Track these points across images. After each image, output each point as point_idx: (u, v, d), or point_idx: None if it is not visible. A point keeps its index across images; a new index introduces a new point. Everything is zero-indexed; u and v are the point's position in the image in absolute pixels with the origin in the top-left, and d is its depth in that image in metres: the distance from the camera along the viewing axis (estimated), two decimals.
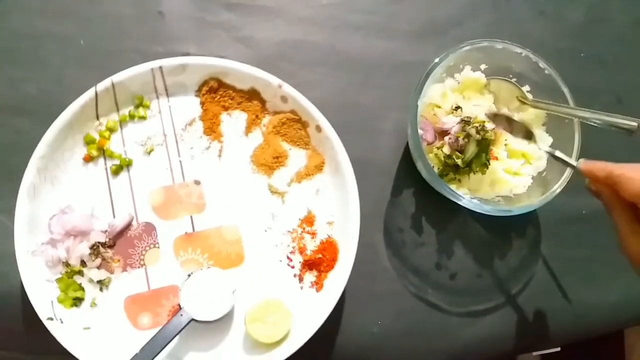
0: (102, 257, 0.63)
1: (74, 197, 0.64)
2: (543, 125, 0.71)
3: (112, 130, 0.66)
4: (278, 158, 0.69)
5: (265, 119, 0.70)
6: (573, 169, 0.60)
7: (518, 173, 0.69)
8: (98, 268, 0.63)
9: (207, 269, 0.63)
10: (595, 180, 0.54)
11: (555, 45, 0.82)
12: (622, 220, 0.52)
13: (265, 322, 0.61)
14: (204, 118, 0.69)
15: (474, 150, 0.65)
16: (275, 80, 0.67)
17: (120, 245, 0.64)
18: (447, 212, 0.73)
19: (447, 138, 0.68)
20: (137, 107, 0.67)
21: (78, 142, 0.65)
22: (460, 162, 0.66)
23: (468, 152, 0.66)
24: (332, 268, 0.65)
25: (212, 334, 0.63)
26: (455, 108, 0.69)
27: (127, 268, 0.64)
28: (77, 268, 0.62)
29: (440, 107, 0.70)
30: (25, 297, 0.59)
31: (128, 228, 0.65)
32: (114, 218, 0.64)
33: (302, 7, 0.78)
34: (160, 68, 0.66)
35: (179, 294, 0.61)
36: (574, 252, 0.75)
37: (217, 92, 0.69)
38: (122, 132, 0.67)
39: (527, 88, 0.71)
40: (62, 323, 0.59)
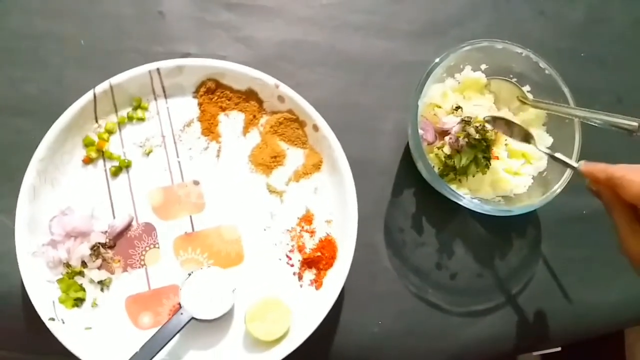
0: (102, 257, 0.63)
1: (74, 198, 0.64)
2: (543, 125, 0.71)
3: (110, 132, 0.67)
4: (276, 157, 0.69)
5: (263, 119, 0.70)
6: (573, 170, 0.59)
7: (518, 173, 0.69)
8: (99, 268, 0.63)
9: (207, 268, 0.63)
10: (596, 182, 0.54)
11: (556, 45, 0.81)
12: (622, 221, 0.52)
13: (265, 320, 0.61)
14: (202, 119, 0.69)
15: (468, 158, 0.66)
16: (272, 81, 0.67)
17: (121, 246, 0.64)
18: (447, 212, 0.73)
19: (447, 138, 0.68)
20: (135, 109, 0.68)
21: (77, 144, 0.66)
22: (458, 166, 0.66)
23: (462, 160, 0.66)
24: (331, 266, 0.66)
25: (212, 333, 0.63)
26: (456, 108, 0.69)
27: (127, 268, 0.64)
28: (77, 269, 0.62)
29: (441, 107, 0.70)
30: (26, 297, 0.59)
31: (128, 229, 0.65)
32: (114, 219, 0.65)
33: (302, 7, 0.78)
34: (158, 70, 0.66)
35: (179, 293, 0.61)
36: (575, 252, 0.75)
37: (214, 93, 0.69)
38: (120, 133, 0.67)
39: (527, 88, 0.71)
40: (63, 323, 0.59)
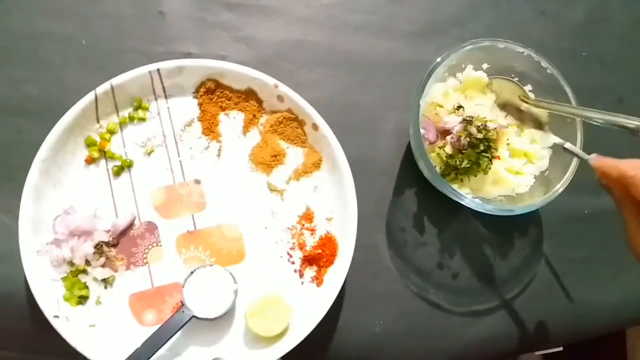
0: (105, 256, 0.64)
1: (77, 198, 0.65)
2: (545, 125, 0.70)
3: (112, 132, 0.67)
4: (276, 156, 0.69)
5: (263, 119, 0.70)
6: (582, 162, 0.59)
7: (520, 172, 0.69)
8: (102, 267, 0.64)
9: (209, 267, 0.63)
10: (607, 178, 0.53)
11: (556, 45, 0.81)
12: (632, 219, 0.52)
13: (266, 316, 0.62)
14: (202, 119, 0.69)
15: (470, 158, 0.65)
16: (271, 80, 0.67)
17: (124, 244, 0.65)
18: (449, 211, 0.73)
19: (449, 137, 0.67)
20: (136, 109, 0.68)
21: (79, 144, 0.66)
22: (459, 166, 0.66)
23: (463, 160, 0.65)
24: (331, 263, 0.66)
25: (213, 329, 0.64)
26: (457, 107, 0.68)
27: (130, 266, 0.65)
28: (81, 267, 0.63)
29: (442, 106, 0.70)
30: (27, 296, 0.60)
31: (131, 227, 0.66)
32: (117, 218, 0.65)
33: (302, 7, 0.78)
34: (158, 70, 0.67)
35: (182, 291, 0.62)
36: (576, 251, 0.75)
37: (214, 93, 0.69)
38: (122, 134, 0.68)
39: (529, 87, 0.70)
40: (68, 321, 0.60)
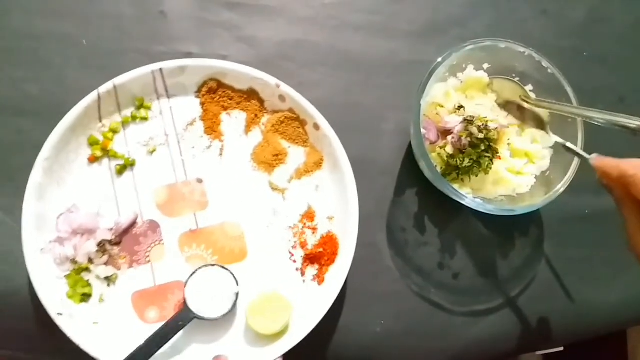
0: (108, 254, 0.64)
1: (80, 196, 0.65)
2: (547, 124, 0.69)
3: (115, 132, 0.67)
4: (278, 156, 0.69)
5: (264, 118, 0.70)
6: (583, 162, 0.59)
7: (521, 172, 0.69)
8: (105, 265, 0.64)
9: (211, 267, 0.64)
10: (607, 178, 0.54)
11: (557, 45, 0.81)
12: (632, 218, 0.52)
13: (266, 314, 0.62)
14: (205, 118, 0.69)
15: (471, 158, 0.65)
16: (273, 80, 0.67)
17: (126, 243, 0.65)
18: (449, 211, 0.73)
19: (450, 137, 0.67)
20: (138, 108, 0.68)
21: (82, 143, 0.66)
22: (460, 166, 0.66)
23: (464, 160, 0.65)
24: (333, 262, 0.66)
25: (215, 328, 0.64)
26: (458, 107, 0.68)
27: (133, 264, 0.65)
28: (84, 265, 0.63)
29: (443, 106, 0.70)
30: (29, 296, 0.60)
31: (133, 226, 0.66)
32: (120, 216, 0.65)
33: (303, 6, 0.77)
34: (161, 70, 0.67)
35: (184, 291, 0.62)
36: (577, 251, 0.75)
37: (216, 92, 0.70)
38: (124, 133, 0.68)
39: (530, 87, 0.70)
40: (71, 318, 0.60)
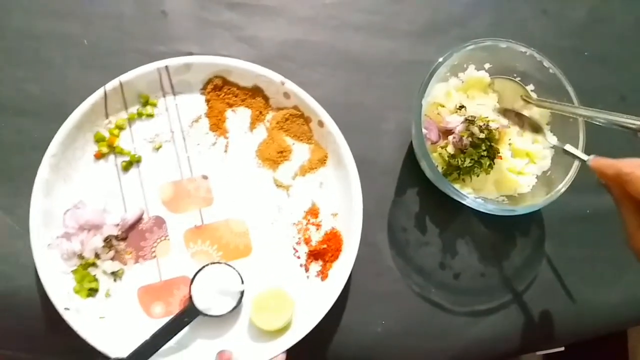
0: (115, 249, 0.64)
1: (87, 192, 0.65)
2: (547, 125, 0.70)
3: (121, 128, 0.68)
4: (282, 153, 0.70)
5: (269, 115, 0.71)
6: (582, 163, 0.59)
7: (522, 172, 0.69)
8: (111, 260, 0.64)
9: (217, 265, 0.64)
10: (605, 178, 0.54)
11: (558, 45, 0.81)
12: (630, 217, 0.52)
13: (269, 310, 0.62)
14: (210, 115, 0.70)
15: (472, 157, 0.65)
16: (278, 77, 0.68)
17: (132, 238, 0.65)
18: (450, 211, 0.73)
19: (451, 137, 0.68)
20: (144, 105, 0.68)
21: (88, 140, 0.66)
22: (461, 166, 0.66)
23: (465, 160, 0.66)
24: (336, 258, 0.67)
25: (219, 324, 0.64)
26: (459, 107, 0.68)
27: (139, 260, 0.65)
28: (91, 260, 0.63)
29: (444, 106, 0.70)
30: (28, 296, 0.60)
31: (139, 221, 0.66)
32: (126, 212, 0.66)
33: (304, 6, 0.78)
34: (166, 67, 0.67)
35: (190, 288, 0.62)
36: (578, 251, 0.75)
37: (221, 89, 0.70)
38: (130, 129, 0.68)
39: (531, 87, 0.71)
40: (78, 313, 0.60)
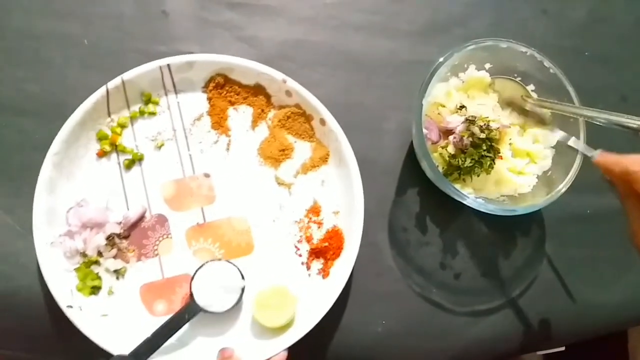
0: (117, 247, 0.64)
1: (89, 190, 0.65)
2: (549, 123, 0.70)
3: (123, 126, 0.68)
4: (284, 151, 0.70)
5: (271, 113, 0.71)
6: (583, 162, 0.59)
7: (523, 172, 0.69)
8: (114, 258, 0.64)
9: (218, 262, 0.64)
10: (610, 175, 0.54)
11: (559, 44, 0.81)
12: (635, 214, 0.52)
13: (271, 307, 0.62)
14: (212, 113, 0.70)
15: (473, 157, 0.66)
16: (280, 76, 0.68)
17: (135, 236, 0.66)
18: (451, 211, 0.73)
19: (451, 137, 0.68)
20: (146, 103, 0.69)
21: (91, 138, 0.66)
22: (462, 166, 0.66)
23: (466, 160, 0.66)
24: (338, 256, 0.67)
25: (221, 321, 0.64)
26: (460, 107, 0.68)
27: (141, 258, 0.65)
28: (94, 258, 0.63)
29: (445, 106, 0.70)
30: (28, 296, 0.60)
31: (141, 220, 0.66)
32: (128, 210, 0.66)
33: (304, 6, 0.78)
34: (168, 66, 0.67)
35: (191, 285, 0.62)
36: (578, 251, 0.75)
37: (223, 87, 0.70)
38: (133, 128, 0.68)
39: (531, 87, 0.71)
40: (81, 310, 0.60)
